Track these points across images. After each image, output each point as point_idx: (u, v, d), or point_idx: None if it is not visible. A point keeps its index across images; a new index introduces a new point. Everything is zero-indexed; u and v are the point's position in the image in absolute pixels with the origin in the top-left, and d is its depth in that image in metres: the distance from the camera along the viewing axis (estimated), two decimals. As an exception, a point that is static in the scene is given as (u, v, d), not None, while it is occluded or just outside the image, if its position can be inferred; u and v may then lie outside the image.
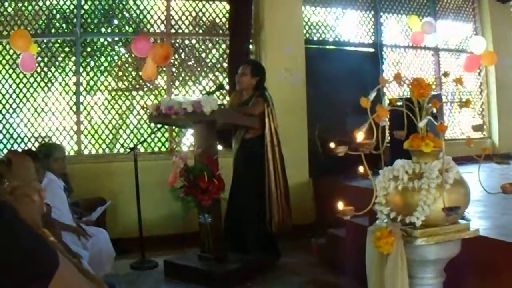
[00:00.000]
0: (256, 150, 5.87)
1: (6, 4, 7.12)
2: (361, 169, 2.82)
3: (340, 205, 2.78)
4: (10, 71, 7.06)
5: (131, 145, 6.81)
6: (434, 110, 2.98)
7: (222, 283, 5.31)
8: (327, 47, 8.71)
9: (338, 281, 5.24)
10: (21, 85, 7.06)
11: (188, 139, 7.45)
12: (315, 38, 8.53)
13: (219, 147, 6.27)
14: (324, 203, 6.84)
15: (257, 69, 6.20)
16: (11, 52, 7.01)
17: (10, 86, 7.03)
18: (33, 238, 1.02)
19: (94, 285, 1.14)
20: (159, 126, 6.59)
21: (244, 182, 5.95)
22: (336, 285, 5.22)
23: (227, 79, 7.44)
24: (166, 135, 7.54)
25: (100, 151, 7.34)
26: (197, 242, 5.75)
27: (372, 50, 8.91)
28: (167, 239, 6.73)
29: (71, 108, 7.25)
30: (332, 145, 2.75)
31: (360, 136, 2.65)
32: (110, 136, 7.42)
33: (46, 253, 1.00)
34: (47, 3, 7.27)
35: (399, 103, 2.88)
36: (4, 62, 7.05)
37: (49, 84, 7.21)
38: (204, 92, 7.24)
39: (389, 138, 4.14)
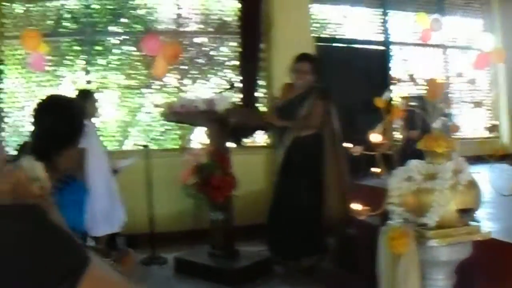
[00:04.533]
0: (313, 149, 5.69)
1: (16, 5, 7.19)
2: (374, 169, 2.84)
3: (356, 205, 2.80)
4: (21, 70, 7.12)
5: (142, 143, 6.85)
6: (447, 110, 2.98)
7: (232, 280, 5.33)
8: (336, 45, 8.69)
9: (349, 280, 5.25)
10: (31, 84, 7.12)
11: (200, 137, 7.47)
12: (324, 36, 8.53)
13: (232, 145, 6.24)
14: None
15: (317, 66, 5.88)
16: (22, 51, 7.07)
17: (21, 85, 7.10)
18: (63, 239, 1.05)
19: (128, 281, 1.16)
20: (172, 124, 6.60)
21: (300, 182, 5.68)
22: (347, 284, 5.22)
23: (238, 77, 7.47)
24: (179, 132, 7.56)
25: (111, 148, 7.38)
26: (207, 239, 5.78)
27: (380, 47, 8.91)
28: (177, 236, 6.77)
29: (81, 106, 7.31)
30: (348, 145, 2.76)
31: (376, 136, 2.66)
32: (121, 134, 7.46)
33: (75, 253, 1.03)
34: (56, 3, 7.34)
35: (413, 103, 2.89)
36: (14, 61, 7.11)
37: (59, 83, 7.28)
38: (217, 90, 7.26)
39: (402, 137, 4.14)
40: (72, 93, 6.21)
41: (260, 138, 7.70)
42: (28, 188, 1.55)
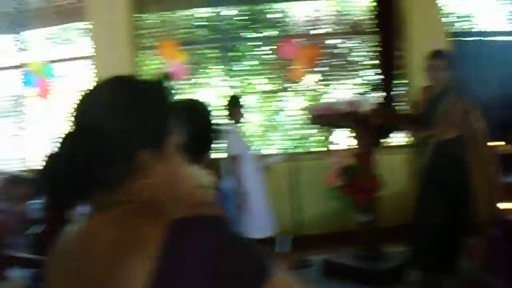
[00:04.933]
0: (456, 152, 5.35)
1: (150, 15, 7.53)
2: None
3: (504, 204, 2.72)
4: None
5: (283, 146, 6.97)
6: None
7: (379, 281, 5.32)
8: (470, 38, 8.39)
9: (493, 282, 5.05)
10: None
11: (344, 139, 7.47)
12: (457, 30, 8.27)
13: (377, 145, 6.18)
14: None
15: (452, 62, 5.55)
16: (157, 61, 7.37)
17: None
18: (248, 248, 1.10)
19: None
20: (314, 126, 6.64)
21: (444, 189, 5.35)
22: (491, 286, 5.03)
23: (375, 77, 7.43)
24: (321, 135, 7.60)
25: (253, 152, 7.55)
26: (353, 240, 5.78)
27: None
28: (323, 238, 6.81)
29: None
30: (497, 143, 2.68)
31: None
32: (262, 138, 7.61)
33: (259, 261, 1.08)
34: (189, 12, 7.61)
35: None
36: (150, 71, 7.40)
37: (197, 90, 7.54)
38: (355, 91, 7.26)
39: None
40: (215, 100, 6.45)
41: (400, 137, 7.58)
42: (197, 195, 1.61)
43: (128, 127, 1.12)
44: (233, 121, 5.87)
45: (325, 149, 7.44)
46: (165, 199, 1.15)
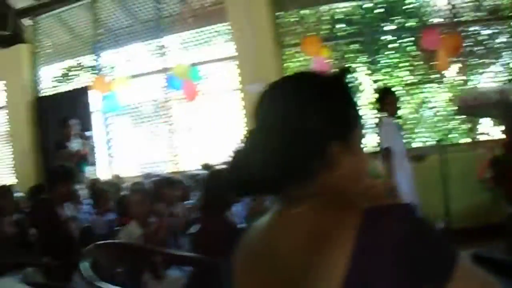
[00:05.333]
0: None
1: (290, 13, 7.61)
2: None
3: None
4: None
5: (430, 139, 6.84)
6: None
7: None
8: None
9: None
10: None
11: (492, 129, 7.23)
12: None
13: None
14: None
15: None
16: (300, 58, 7.47)
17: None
18: (438, 235, 1.09)
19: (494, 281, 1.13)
20: (461, 117, 6.49)
21: None
22: None
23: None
24: (470, 126, 7.38)
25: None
26: (504, 234, 5.57)
27: None
28: (473, 231, 6.61)
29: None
30: None
31: None
32: (408, 131, 7.49)
33: (448, 249, 1.07)
34: (328, 7, 7.61)
35: None
36: (294, 69, 7.48)
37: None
38: (500, 79, 6.98)
39: None
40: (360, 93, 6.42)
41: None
42: (379, 186, 1.61)
43: (319, 121, 1.14)
44: (386, 114, 5.83)
45: (472, 140, 7.23)
46: (354, 191, 1.18)
